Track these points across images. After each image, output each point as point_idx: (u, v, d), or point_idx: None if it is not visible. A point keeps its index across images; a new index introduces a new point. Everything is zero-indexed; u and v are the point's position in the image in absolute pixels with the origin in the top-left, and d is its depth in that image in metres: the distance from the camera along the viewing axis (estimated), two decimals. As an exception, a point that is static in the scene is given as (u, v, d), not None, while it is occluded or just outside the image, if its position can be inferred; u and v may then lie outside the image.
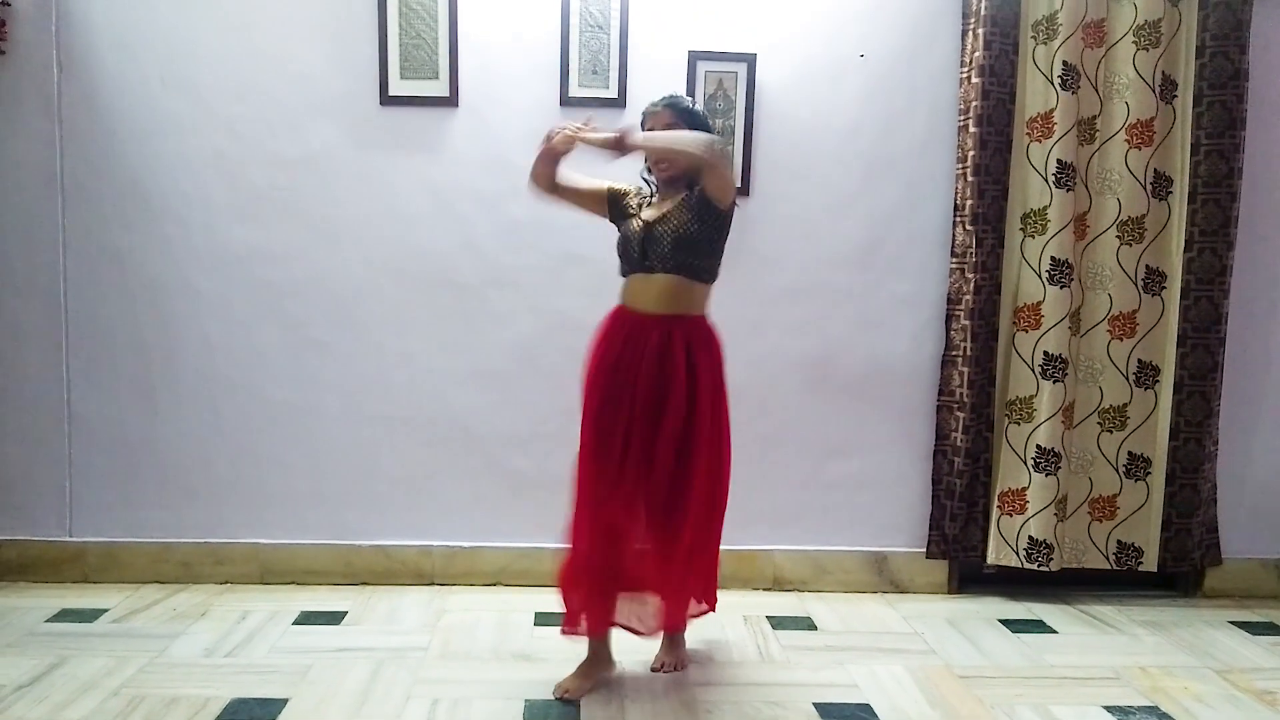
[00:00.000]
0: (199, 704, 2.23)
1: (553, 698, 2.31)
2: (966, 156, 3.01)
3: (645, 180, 2.43)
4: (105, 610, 2.80)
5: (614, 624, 2.40)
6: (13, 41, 2.92)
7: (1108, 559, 3.13)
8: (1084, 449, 3.11)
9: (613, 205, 2.43)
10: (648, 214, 2.34)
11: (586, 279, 2.93)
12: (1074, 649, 2.72)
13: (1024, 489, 3.04)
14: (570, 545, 2.34)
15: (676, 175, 2.33)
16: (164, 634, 2.63)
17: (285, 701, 2.25)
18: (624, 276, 2.38)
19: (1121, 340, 3.08)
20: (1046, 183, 2.97)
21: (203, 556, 3.07)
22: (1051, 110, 2.96)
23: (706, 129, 2.32)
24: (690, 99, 2.49)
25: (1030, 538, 3.03)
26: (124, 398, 3.04)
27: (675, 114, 2.31)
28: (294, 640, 2.61)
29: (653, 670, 2.49)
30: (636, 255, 2.32)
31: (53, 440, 3.03)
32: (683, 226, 2.27)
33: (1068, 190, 2.96)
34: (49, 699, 2.25)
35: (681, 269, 2.28)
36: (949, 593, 3.17)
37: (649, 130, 2.32)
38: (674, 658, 2.52)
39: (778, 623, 2.85)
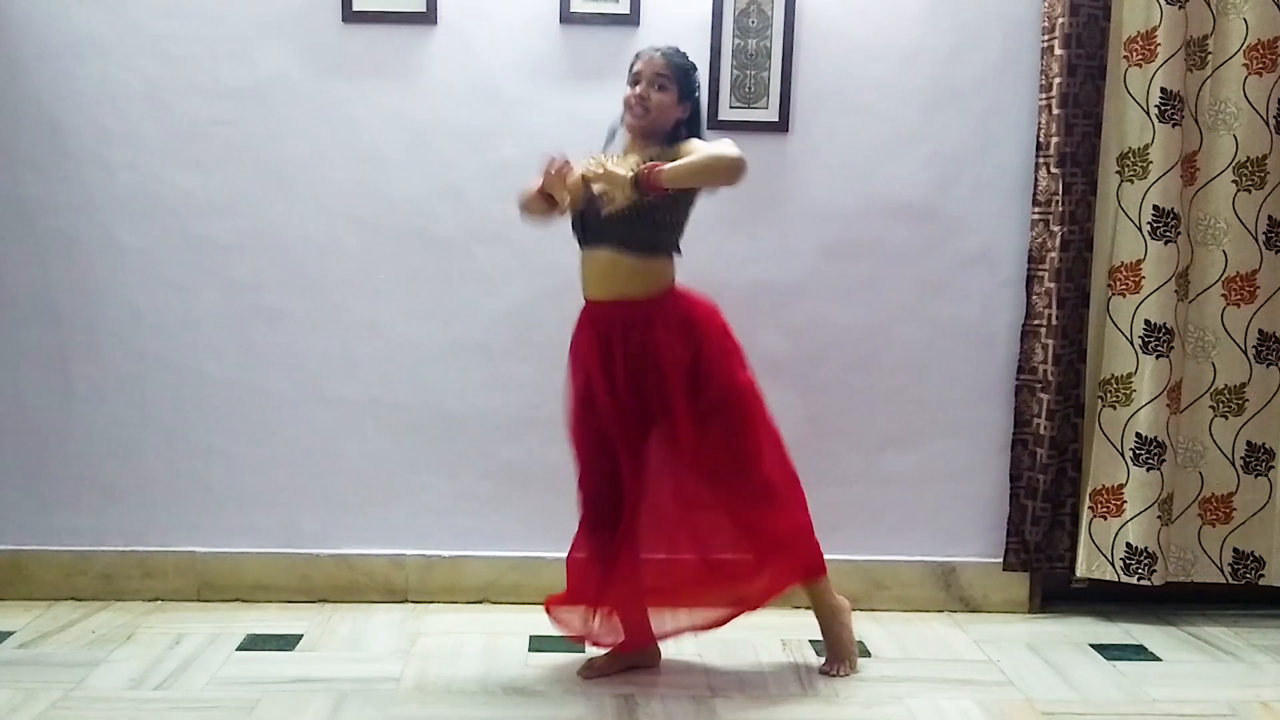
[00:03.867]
0: (123, 746, 2.15)
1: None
2: (1051, 85, 2.78)
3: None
4: (9, 634, 2.64)
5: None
6: (-109, -57, 2.71)
7: (1222, 571, 2.94)
8: (1193, 438, 2.91)
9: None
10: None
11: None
12: (1181, 680, 2.56)
13: (1121, 486, 2.85)
14: None
15: (654, 128, 2.32)
16: (81, 662, 2.49)
17: (228, 744, 2.17)
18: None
19: (1239, 306, 2.86)
20: (1148, 116, 2.75)
21: (128, 568, 2.91)
22: (1154, 28, 2.71)
23: (693, 95, 2.35)
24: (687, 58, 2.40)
25: (1128, 545, 2.83)
26: (33, 377, 2.86)
27: (673, 72, 2.30)
28: (238, 669, 2.48)
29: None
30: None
31: (-54, 430, 2.88)
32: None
33: (1174, 125, 2.73)
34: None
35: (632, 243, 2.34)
36: (1030, 611, 2.99)
37: (637, 72, 2.30)
38: None
39: (823, 648, 2.61)
